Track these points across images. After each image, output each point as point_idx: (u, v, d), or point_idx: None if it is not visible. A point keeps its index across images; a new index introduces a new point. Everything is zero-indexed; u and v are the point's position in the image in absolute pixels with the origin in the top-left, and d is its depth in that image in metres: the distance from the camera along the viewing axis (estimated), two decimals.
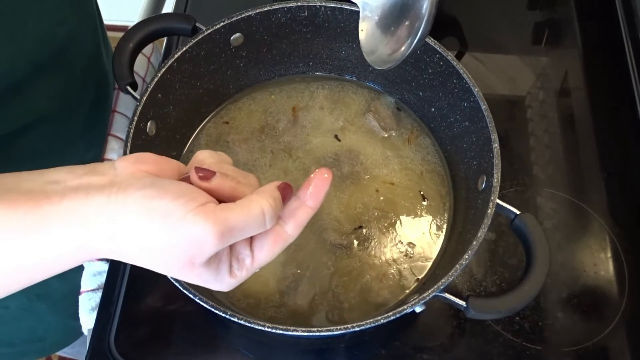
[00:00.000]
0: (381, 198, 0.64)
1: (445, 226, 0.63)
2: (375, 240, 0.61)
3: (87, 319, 0.63)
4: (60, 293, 0.70)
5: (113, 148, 0.69)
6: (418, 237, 0.62)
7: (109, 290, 0.63)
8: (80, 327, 0.67)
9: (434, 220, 0.63)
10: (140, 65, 0.74)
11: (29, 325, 0.73)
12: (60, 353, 0.86)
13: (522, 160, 0.72)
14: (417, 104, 0.68)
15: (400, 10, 0.50)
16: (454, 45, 0.83)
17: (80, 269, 0.67)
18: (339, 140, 0.67)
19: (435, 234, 0.62)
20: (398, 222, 0.62)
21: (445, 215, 0.63)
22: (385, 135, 0.68)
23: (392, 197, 0.64)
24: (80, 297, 0.63)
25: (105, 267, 0.64)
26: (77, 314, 0.66)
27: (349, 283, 0.59)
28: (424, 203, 0.64)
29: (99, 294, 0.63)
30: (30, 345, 0.76)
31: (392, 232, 0.62)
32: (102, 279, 0.63)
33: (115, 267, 0.64)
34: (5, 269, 0.33)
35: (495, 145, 0.55)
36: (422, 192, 0.64)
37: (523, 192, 0.70)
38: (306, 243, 0.61)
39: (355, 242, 0.61)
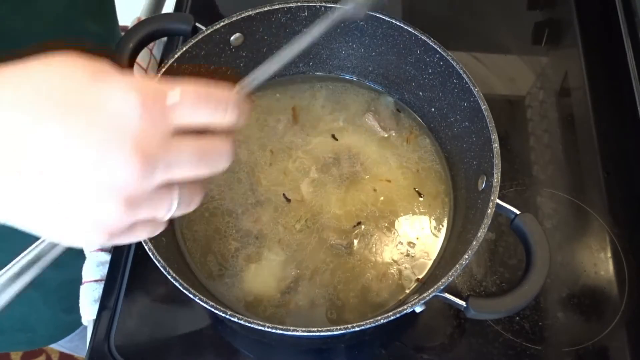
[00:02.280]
0: (381, 197, 0.64)
1: (445, 226, 0.63)
2: (375, 239, 0.61)
3: (89, 310, 0.62)
4: (54, 282, 0.69)
5: None
6: (418, 236, 0.62)
7: (109, 289, 0.63)
8: (73, 321, 0.66)
9: (433, 219, 0.63)
10: (142, 57, 0.74)
11: (20, 313, 0.72)
12: (59, 348, 0.85)
13: (522, 160, 0.72)
14: (417, 104, 0.68)
15: None
16: (455, 45, 0.83)
17: (77, 258, 0.67)
18: (336, 139, 0.67)
19: (435, 233, 0.62)
20: (397, 221, 0.62)
21: (445, 213, 0.63)
22: (385, 135, 0.68)
23: (391, 195, 0.64)
24: (83, 287, 0.63)
25: (108, 257, 0.64)
26: (70, 307, 0.66)
27: (349, 283, 0.59)
28: (421, 199, 0.64)
29: (103, 284, 0.63)
30: (20, 335, 0.75)
31: (392, 232, 0.62)
32: (106, 270, 0.63)
33: (116, 265, 0.64)
34: None
35: (495, 145, 0.55)
36: (416, 189, 0.64)
37: (523, 192, 0.70)
38: (306, 243, 0.61)
39: (355, 242, 0.61)
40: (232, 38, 0.62)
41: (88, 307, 0.63)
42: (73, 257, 0.66)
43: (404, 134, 0.68)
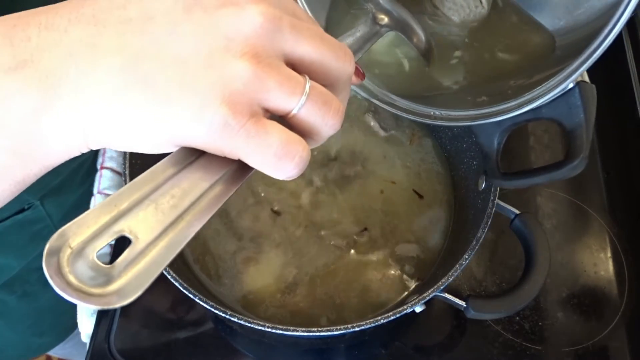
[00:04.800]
0: (381, 198, 0.64)
1: (445, 226, 0.63)
2: (376, 240, 0.61)
3: (88, 324, 0.62)
4: (18, 312, 0.67)
5: (112, 156, 0.69)
6: (418, 237, 0.62)
7: None
8: (44, 343, 0.66)
9: (434, 219, 0.63)
10: None
11: None
12: (51, 353, 0.85)
13: (522, 161, 0.72)
14: None
15: None
16: None
17: (46, 288, 0.66)
18: (336, 139, 0.67)
19: (435, 233, 0.62)
20: (398, 222, 0.62)
21: (445, 213, 0.63)
22: (386, 135, 0.68)
23: (392, 196, 0.64)
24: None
25: None
26: (41, 332, 0.65)
27: (349, 283, 0.59)
28: (422, 201, 0.64)
29: None
30: None
31: (392, 232, 0.62)
32: None
33: None
34: None
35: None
36: (417, 190, 0.64)
37: (523, 192, 0.70)
38: (307, 243, 0.61)
39: (356, 243, 0.61)
40: None
41: (87, 320, 0.62)
42: (41, 287, 0.65)
43: (404, 134, 0.68)
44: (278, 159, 0.26)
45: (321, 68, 0.27)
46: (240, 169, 0.28)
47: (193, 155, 0.27)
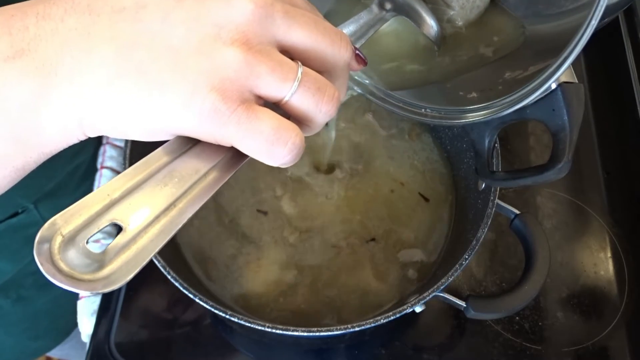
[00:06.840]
0: (385, 200, 0.64)
1: (446, 226, 0.63)
2: (377, 240, 0.61)
3: (88, 324, 0.62)
4: (13, 316, 0.67)
5: (112, 155, 0.69)
6: (421, 240, 0.62)
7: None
8: (40, 347, 0.66)
9: (436, 221, 0.63)
10: None
11: None
12: (50, 354, 0.85)
13: (522, 160, 0.72)
14: None
15: None
16: None
17: (41, 292, 0.66)
18: (336, 140, 0.67)
19: (436, 234, 0.62)
20: (401, 225, 0.62)
21: (446, 213, 0.63)
22: (386, 135, 0.68)
23: (397, 199, 0.64)
24: (79, 302, 0.63)
25: None
26: (36, 335, 0.65)
27: (349, 283, 0.59)
28: (427, 204, 0.64)
29: (100, 296, 0.63)
30: None
31: (394, 233, 0.62)
32: None
33: None
34: None
35: (496, 145, 0.55)
36: (423, 193, 0.64)
37: (523, 192, 0.70)
38: (307, 244, 0.61)
39: (357, 243, 0.61)
40: None
41: (87, 320, 0.62)
42: (36, 292, 0.65)
43: (405, 134, 0.68)
44: (270, 145, 0.26)
45: (316, 54, 0.27)
46: (235, 156, 0.28)
47: (188, 144, 0.27)
